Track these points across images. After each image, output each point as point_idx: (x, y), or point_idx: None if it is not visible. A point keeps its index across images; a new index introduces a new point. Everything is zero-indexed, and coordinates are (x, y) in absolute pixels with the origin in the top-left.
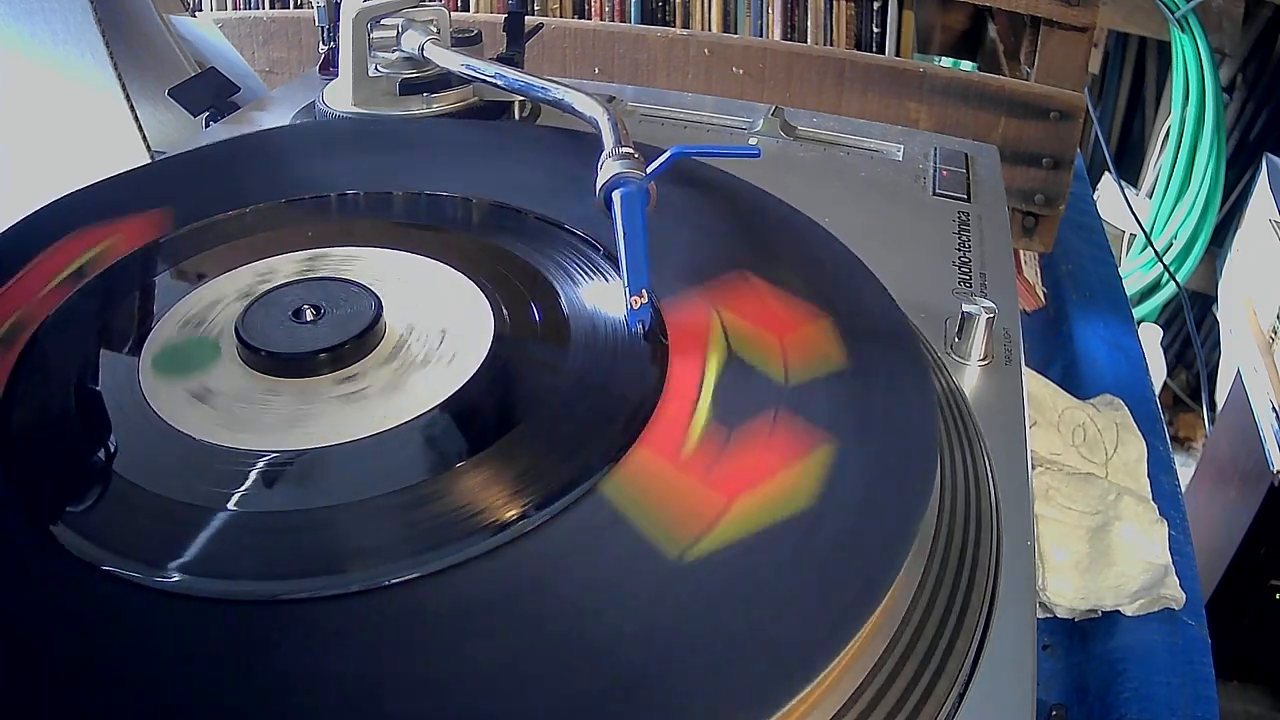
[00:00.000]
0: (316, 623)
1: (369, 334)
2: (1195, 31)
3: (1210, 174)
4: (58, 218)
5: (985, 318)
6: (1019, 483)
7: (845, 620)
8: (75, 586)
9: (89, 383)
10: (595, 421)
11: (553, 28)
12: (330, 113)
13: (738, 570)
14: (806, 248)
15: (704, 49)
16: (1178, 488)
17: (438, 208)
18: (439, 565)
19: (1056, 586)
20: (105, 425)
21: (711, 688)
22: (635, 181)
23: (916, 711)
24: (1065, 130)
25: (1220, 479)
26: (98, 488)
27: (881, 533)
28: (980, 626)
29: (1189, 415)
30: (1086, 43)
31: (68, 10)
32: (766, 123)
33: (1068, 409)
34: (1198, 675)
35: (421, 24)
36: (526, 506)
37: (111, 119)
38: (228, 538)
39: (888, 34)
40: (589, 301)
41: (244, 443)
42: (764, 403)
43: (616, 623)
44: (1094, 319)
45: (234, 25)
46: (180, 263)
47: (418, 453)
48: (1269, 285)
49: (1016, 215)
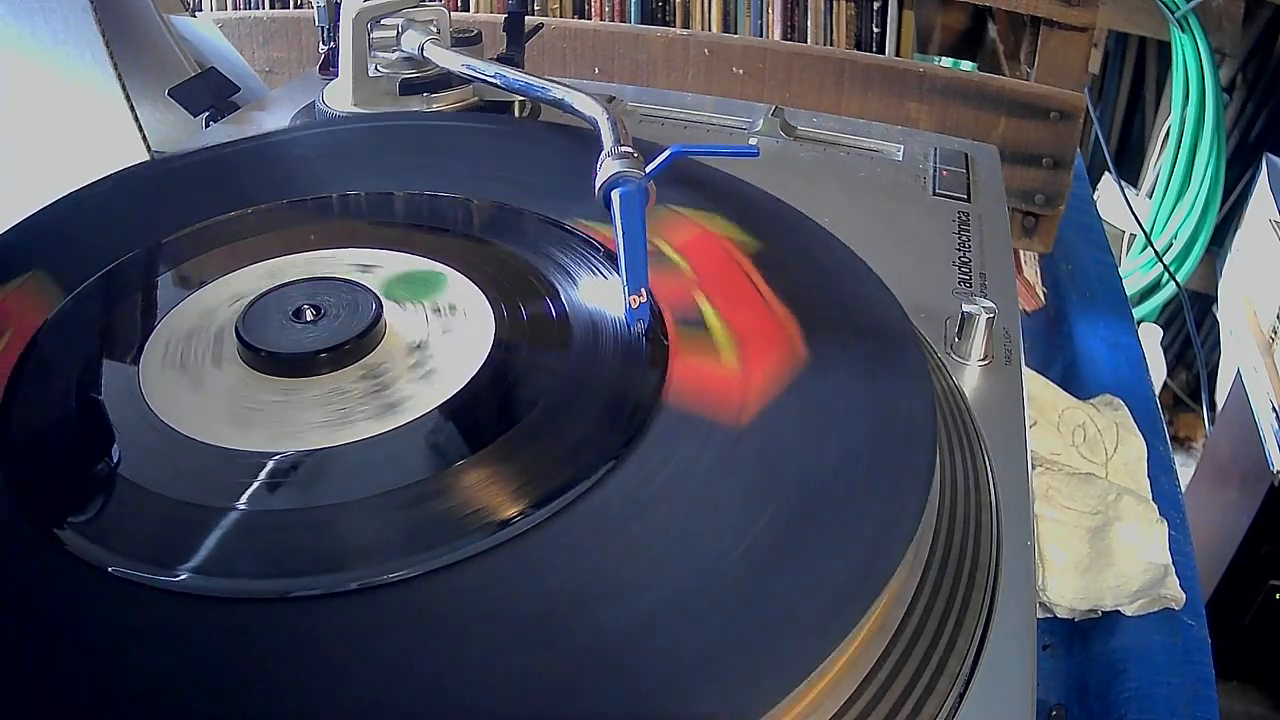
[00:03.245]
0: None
1: (369, 334)
2: (1195, 31)
3: (1210, 174)
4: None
5: (985, 318)
6: (1019, 483)
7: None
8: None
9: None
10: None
11: (553, 28)
12: (330, 113)
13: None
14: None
15: (704, 49)
16: (1178, 488)
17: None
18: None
19: (1056, 586)
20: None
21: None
22: (634, 181)
23: (916, 711)
24: (1065, 130)
25: (1220, 479)
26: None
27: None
28: (980, 626)
29: (1189, 415)
30: (1086, 43)
31: (68, 10)
32: (766, 123)
33: (1068, 409)
34: (1198, 675)
35: (421, 24)
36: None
37: (111, 119)
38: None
39: (888, 34)
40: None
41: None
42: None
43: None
44: (1094, 319)
45: (234, 25)
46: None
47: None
48: (1269, 285)
49: (1016, 215)
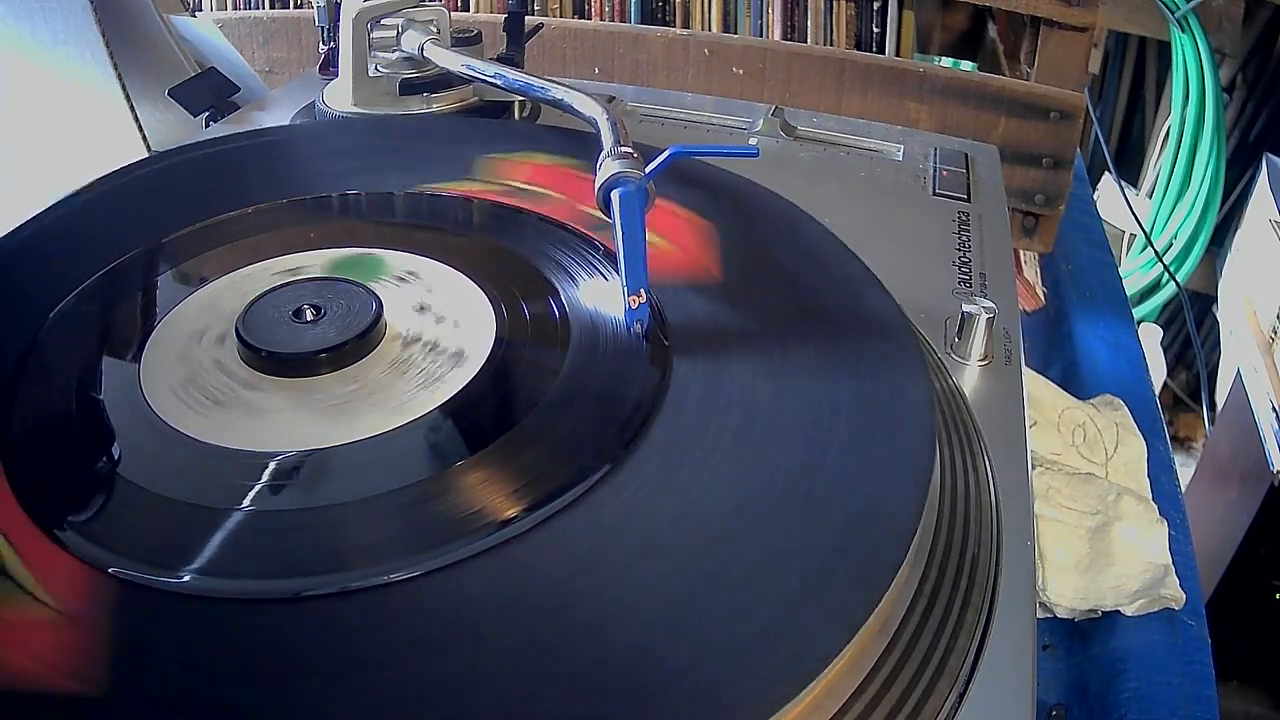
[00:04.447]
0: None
1: (370, 334)
2: (1195, 31)
3: (1210, 174)
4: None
5: (985, 318)
6: (1019, 483)
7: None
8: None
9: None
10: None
11: (553, 28)
12: (330, 113)
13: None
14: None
15: (704, 49)
16: (1178, 488)
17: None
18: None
19: (1056, 586)
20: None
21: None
22: (634, 181)
23: (916, 711)
24: (1065, 130)
25: (1220, 479)
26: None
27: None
28: (980, 626)
29: (1189, 415)
30: (1086, 43)
31: (68, 10)
32: (766, 123)
33: (1068, 409)
34: (1198, 675)
35: (421, 24)
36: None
37: (111, 119)
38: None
39: (888, 34)
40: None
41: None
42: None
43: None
44: (1094, 319)
45: (234, 25)
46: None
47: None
48: (1269, 285)
49: (1016, 215)
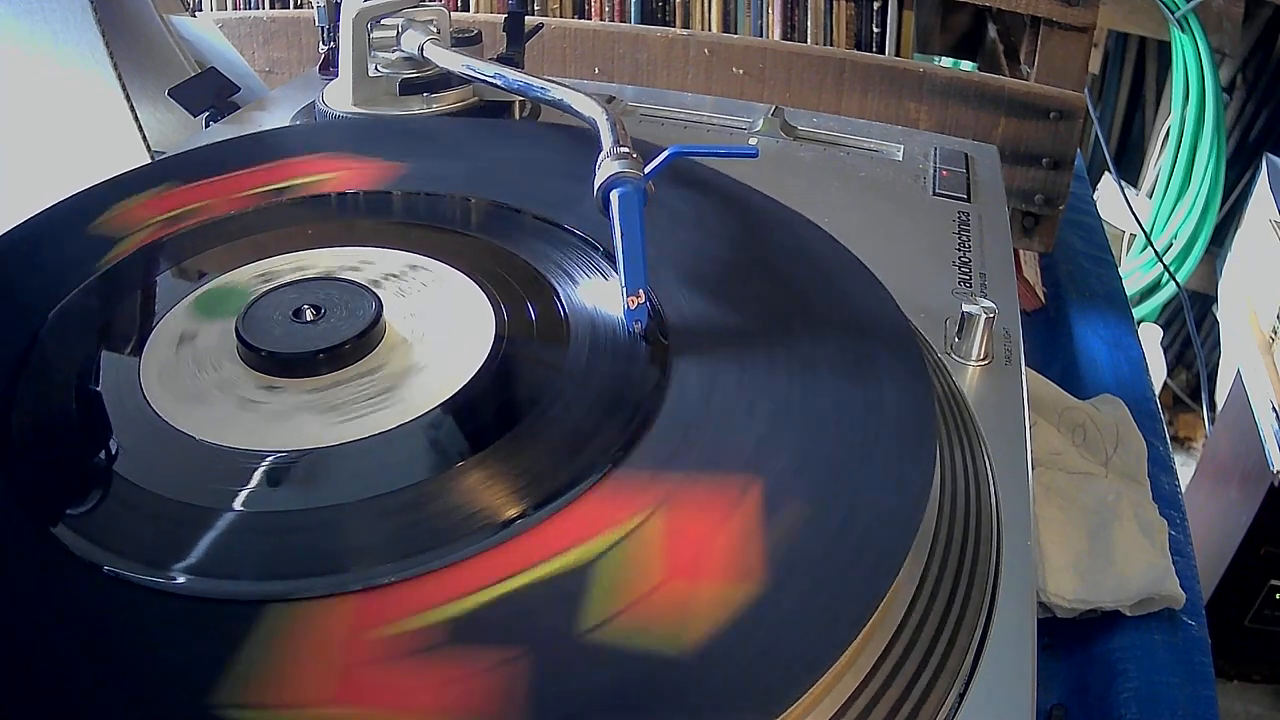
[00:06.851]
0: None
1: (369, 334)
2: (1195, 31)
3: (1210, 174)
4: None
5: (985, 318)
6: (1019, 483)
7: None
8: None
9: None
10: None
11: (553, 28)
12: (330, 113)
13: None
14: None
15: (704, 49)
16: (1178, 488)
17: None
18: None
19: (1056, 586)
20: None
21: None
22: (633, 181)
23: (916, 711)
24: (1065, 130)
25: (1220, 479)
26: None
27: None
28: (980, 626)
29: (1189, 415)
30: (1086, 43)
31: (68, 10)
32: (766, 123)
33: (1068, 409)
34: (1198, 675)
35: (421, 24)
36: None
37: (111, 119)
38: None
39: (888, 34)
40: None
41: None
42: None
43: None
44: (1094, 319)
45: (234, 25)
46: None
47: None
48: (1269, 285)
49: (1016, 215)
